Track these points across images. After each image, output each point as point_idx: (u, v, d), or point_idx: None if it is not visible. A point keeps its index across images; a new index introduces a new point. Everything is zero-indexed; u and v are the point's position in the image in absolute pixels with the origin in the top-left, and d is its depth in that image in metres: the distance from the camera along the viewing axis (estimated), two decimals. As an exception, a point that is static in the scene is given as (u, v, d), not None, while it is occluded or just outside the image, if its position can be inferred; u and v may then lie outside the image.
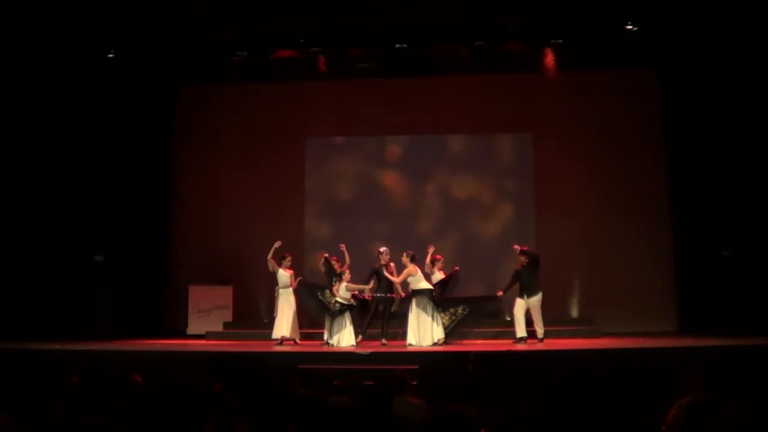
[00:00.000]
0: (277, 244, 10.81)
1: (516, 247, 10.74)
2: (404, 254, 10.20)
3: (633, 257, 12.94)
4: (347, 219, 13.86)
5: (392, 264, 10.45)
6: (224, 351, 9.88)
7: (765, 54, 11.39)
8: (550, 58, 12.92)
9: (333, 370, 7.43)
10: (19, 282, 11.99)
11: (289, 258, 11.00)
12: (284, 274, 10.83)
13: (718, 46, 11.76)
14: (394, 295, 10.39)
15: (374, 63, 13.32)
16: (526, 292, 10.47)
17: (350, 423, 3.77)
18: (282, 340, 10.64)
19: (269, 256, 10.79)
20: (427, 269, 10.42)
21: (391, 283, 10.31)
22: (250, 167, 13.94)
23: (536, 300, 10.43)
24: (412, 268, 10.09)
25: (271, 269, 10.87)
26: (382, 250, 10.61)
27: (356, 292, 10.30)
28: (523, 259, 10.59)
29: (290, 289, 10.76)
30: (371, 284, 10.40)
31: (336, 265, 10.69)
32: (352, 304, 10.28)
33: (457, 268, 10.73)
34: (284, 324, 10.62)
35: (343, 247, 10.75)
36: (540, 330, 10.44)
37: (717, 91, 11.99)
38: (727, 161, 11.84)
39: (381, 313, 10.38)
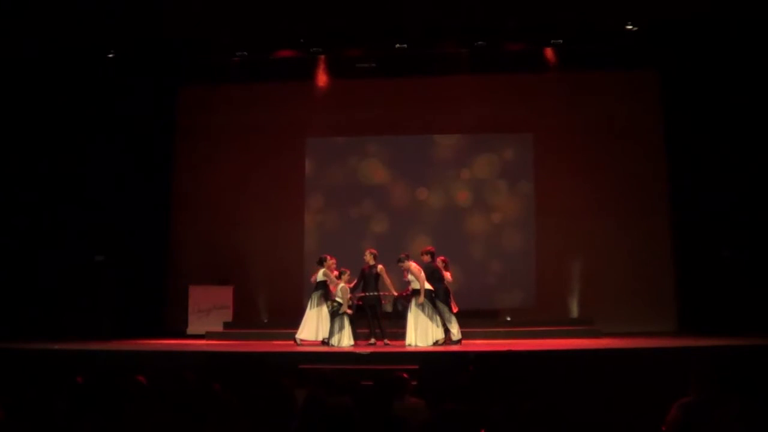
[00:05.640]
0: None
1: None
2: (404, 259, 10.09)
3: (633, 257, 12.94)
4: (347, 219, 13.87)
5: (380, 266, 10.33)
6: (224, 351, 9.87)
7: (765, 54, 11.38)
8: (550, 58, 12.93)
9: (333, 371, 7.43)
10: (19, 282, 11.99)
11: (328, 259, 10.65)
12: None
13: (718, 46, 11.76)
14: (384, 293, 10.35)
15: (374, 63, 13.33)
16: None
17: (350, 423, 3.78)
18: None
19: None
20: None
21: (378, 283, 10.28)
22: (251, 167, 13.94)
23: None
24: (417, 266, 10.07)
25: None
26: (368, 251, 10.55)
27: (330, 306, 10.25)
28: (426, 258, 10.32)
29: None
30: (351, 302, 10.31)
31: (333, 265, 10.62)
32: (349, 305, 10.25)
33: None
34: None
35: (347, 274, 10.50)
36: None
37: (717, 91, 11.99)
38: (727, 161, 11.84)
39: (373, 313, 10.35)
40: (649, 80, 13.36)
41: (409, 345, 9.86)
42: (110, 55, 12.54)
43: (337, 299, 10.23)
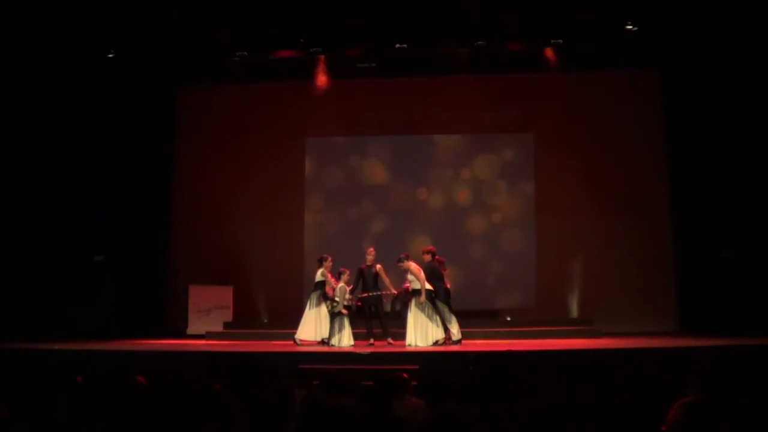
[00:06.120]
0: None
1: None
2: (404, 259, 10.08)
3: (633, 257, 12.94)
4: (347, 219, 13.88)
5: (378, 265, 10.37)
6: (224, 351, 9.87)
7: (765, 54, 11.39)
8: (550, 58, 12.94)
9: (333, 371, 7.43)
10: (19, 282, 11.98)
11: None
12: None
13: (718, 46, 11.76)
14: (381, 293, 10.36)
15: (374, 63, 13.33)
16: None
17: (350, 423, 3.77)
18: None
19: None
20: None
21: (376, 282, 10.29)
22: (250, 167, 13.94)
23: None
24: (417, 266, 10.07)
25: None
26: (369, 250, 10.56)
27: (329, 306, 10.26)
28: (427, 258, 10.32)
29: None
30: (351, 302, 10.29)
31: (329, 266, 10.62)
32: (349, 306, 10.26)
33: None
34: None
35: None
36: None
37: (717, 90, 12.00)
38: (727, 161, 11.85)
39: (373, 313, 10.36)
40: (649, 80, 13.36)
41: (409, 345, 9.87)
42: (110, 55, 12.54)
43: (336, 299, 10.22)
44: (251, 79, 13.49)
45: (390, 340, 10.25)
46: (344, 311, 10.16)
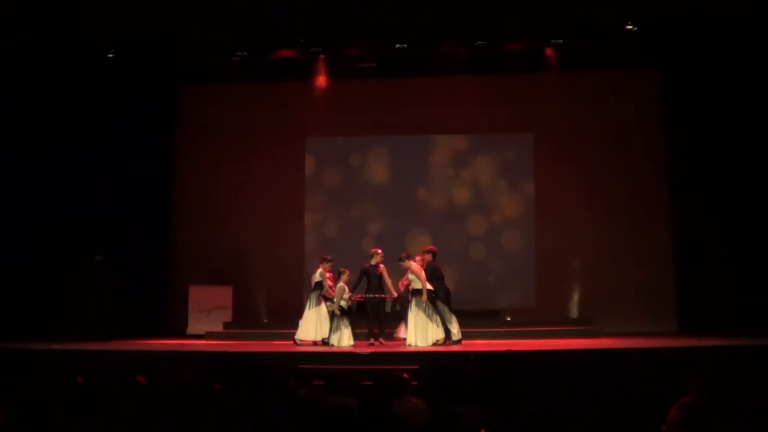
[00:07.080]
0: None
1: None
2: (405, 258, 10.08)
3: (633, 257, 12.93)
4: (347, 219, 13.88)
5: (382, 266, 10.39)
6: (224, 351, 9.87)
7: (765, 54, 11.38)
8: (550, 58, 12.93)
9: (333, 371, 7.43)
10: (19, 282, 11.98)
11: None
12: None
13: (718, 46, 11.76)
14: (385, 295, 10.37)
15: (374, 63, 13.33)
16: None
17: (350, 423, 3.78)
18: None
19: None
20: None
21: (381, 283, 10.29)
22: (250, 167, 13.94)
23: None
24: (418, 265, 10.07)
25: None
26: (378, 251, 10.57)
27: (329, 307, 10.25)
28: (427, 257, 10.32)
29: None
30: (351, 301, 10.30)
31: (327, 267, 10.61)
32: (349, 306, 10.25)
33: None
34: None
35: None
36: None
37: (717, 91, 11.99)
38: (726, 161, 11.84)
39: (375, 313, 10.36)
40: (649, 80, 13.35)
41: (409, 345, 9.86)
42: (110, 55, 12.54)
43: (334, 299, 10.20)
44: (251, 79, 13.47)
45: (381, 340, 10.27)
46: (338, 311, 10.12)
